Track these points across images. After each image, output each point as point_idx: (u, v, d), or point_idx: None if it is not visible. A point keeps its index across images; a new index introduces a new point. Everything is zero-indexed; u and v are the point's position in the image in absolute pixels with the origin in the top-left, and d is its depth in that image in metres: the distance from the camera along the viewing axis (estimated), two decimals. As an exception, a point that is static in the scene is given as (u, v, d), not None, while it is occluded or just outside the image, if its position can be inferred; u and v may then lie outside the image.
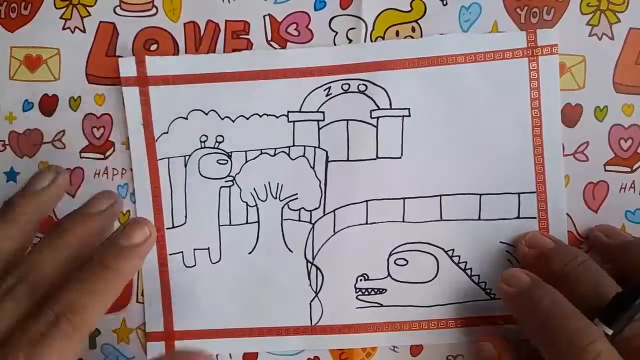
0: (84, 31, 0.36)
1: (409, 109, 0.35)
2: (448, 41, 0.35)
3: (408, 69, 0.35)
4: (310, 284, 0.36)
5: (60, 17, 0.36)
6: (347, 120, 0.35)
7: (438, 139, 0.35)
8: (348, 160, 0.35)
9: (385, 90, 0.35)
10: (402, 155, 0.35)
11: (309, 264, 0.35)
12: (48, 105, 0.37)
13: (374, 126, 0.35)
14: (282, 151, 0.35)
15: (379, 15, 0.35)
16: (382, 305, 0.35)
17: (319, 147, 0.35)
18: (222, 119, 0.35)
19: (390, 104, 0.35)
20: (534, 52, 0.34)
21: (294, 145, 0.35)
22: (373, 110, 0.35)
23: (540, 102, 0.34)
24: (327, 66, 0.35)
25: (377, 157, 0.35)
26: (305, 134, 0.35)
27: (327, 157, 0.35)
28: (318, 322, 0.36)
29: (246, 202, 0.36)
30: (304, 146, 0.35)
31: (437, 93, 0.35)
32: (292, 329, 0.36)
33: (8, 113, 0.37)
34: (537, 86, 0.34)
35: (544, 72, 0.34)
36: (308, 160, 0.35)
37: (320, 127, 0.35)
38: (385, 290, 0.35)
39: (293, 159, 0.35)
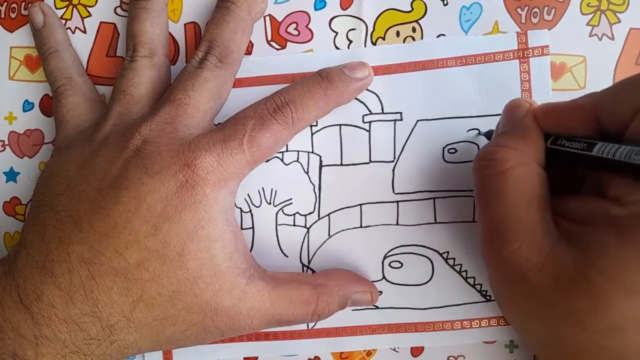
0: (84, 31, 0.37)
1: (400, 113, 0.35)
2: (438, 45, 0.35)
3: (399, 74, 0.35)
4: (306, 288, 0.36)
5: (61, 18, 0.37)
6: (340, 125, 0.35)
7: (430, 142, 0.35)
8: (341, 164, 0.35)
9: (377, 95, 0.35)
10: (394, 159, 0.35)
11: (305, 268, 0.35)
12: (49, 105, 0.37)
13: (367, 130, 0.35)
14: (276, 156, 0.35)
15: (379, 15, 0.35)
16: (377, 307, 0.35)
17: (312, 152, 0.35)
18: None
19: (382, 109, 0.35)
20: (525, 53, 0.34)
21: (287, 151, 0.35)
22: (365, 115, 0.35)
23: None
24: None
25: (370, 161, 0.35)
26: (299, 139, 0.35)
27: (320, 161, 0.35)
28: (314, 325, 0.36)
29: (240, 208, 0.35)
30: (298, 151, 0.35)
31: (429, 97, 0.35)
32: (288, 333, 0.36)
33: (8, 113, 0.37)
34: (528, 88, 0.34)
35: (535, 74, 0.34)
36: (302, 165, 0.35)
37: (313, 132, 0.35)
38: (381, 292, 0.35)
39: (287, 164, 0.35)
